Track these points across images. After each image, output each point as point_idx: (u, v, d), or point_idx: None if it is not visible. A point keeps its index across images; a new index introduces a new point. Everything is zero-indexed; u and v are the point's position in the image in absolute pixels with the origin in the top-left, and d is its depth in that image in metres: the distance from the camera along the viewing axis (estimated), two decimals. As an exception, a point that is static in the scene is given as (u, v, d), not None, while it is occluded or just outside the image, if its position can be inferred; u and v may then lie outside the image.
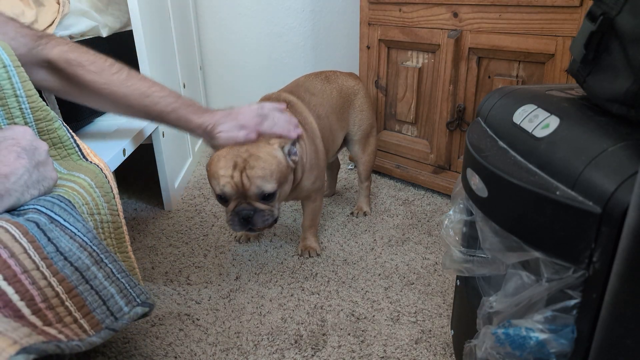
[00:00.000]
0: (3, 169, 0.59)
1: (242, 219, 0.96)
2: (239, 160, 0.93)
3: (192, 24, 2.03)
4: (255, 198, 0.95)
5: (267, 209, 0.97)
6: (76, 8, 1.23)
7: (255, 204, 0.96)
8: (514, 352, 0.53)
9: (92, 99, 0.95)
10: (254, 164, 0.93)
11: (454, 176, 1.50)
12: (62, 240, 0.60)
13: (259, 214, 0.96)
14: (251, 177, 0.93)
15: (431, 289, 1.08)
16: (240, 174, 0.93)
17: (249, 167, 0.93)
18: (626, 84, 0.51)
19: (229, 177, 0.93)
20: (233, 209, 0.96)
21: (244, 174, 0.93)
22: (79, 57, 0.89)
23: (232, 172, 0.93)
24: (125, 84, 0.91)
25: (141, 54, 1.31)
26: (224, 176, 0.93)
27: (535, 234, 0.52)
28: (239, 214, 0.96)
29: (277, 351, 0.90)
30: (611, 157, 0.47)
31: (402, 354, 0.89)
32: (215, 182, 0.95)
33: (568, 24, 1.15)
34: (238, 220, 0.96)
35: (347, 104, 1.32)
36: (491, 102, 0.69)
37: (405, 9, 1.47)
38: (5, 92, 0.73)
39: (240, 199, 0.96)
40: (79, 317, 0.57)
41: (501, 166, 0.56)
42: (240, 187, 0.94)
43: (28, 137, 0.65)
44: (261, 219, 0.97)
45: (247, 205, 0.96)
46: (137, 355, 0.90)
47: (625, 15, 0.51)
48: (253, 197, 0.95)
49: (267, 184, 0.94)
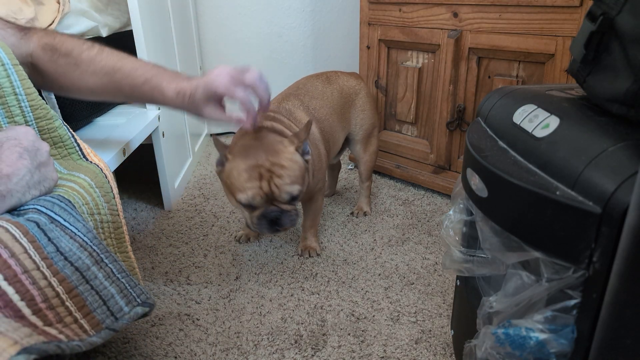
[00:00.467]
0: (5, 169, 0.59)
1: (270, 221, 0.98)
2: (263, 171, 0.94)
3: (192, 24, 2.03)
4: (284, 202, 0.98)
5: (292, 209, 1.00)
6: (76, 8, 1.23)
7: (281, 206, 0.98)
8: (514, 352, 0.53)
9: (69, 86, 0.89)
10: (280, 173, 0.94)
11: (454, 176, 1.50)
12: (63, 240, 0.60)
13: (286, 214, 0.99)
14: (280, 185, 0.95)
15: (431, 289, 1.08)
16: (268, 183, 0.94)
17: (276, 176, 0.94)
18: (626, 84, 0.51)
19: (257, 188, 0.94)
20: (260, 213, 0.98)
21: (272, 183, 0.94)
22: (51, 40, 0.85)
23: (259, 183, 0.94)
24: (95, 60, 0.85)
25: (141, 54, 1.31)
26: (252, 188, 0.94)
27: (535, 234, 0.52)
28: (267, 216, 0.98)
29: (277, 351, 0.90)
30: (611, 157, 0.47)
31: (402, 354, 0.89)
32: (242, 194, 0.95)
33: (568, 24, 1.15)
34: (266, 223, 0.98)
35: (349, 104, 1.32)
36: (491, 102, 0.70)
37: (405, 9, 1.47)
38: (4, 90, 0.73)
39: (267, 204, 0.98)
40: (79, 317, 0.57)
41: (501, 166, 0.56)
42: (270, 196, 0.96)
43: (30, 138, 0.65)
44: (289, 219, 0.99)
45: (274, 207, 0.98)
46: (137, 355, 0.90)
47: (625, 15, 0.51)
48: (282, 202, 0.98)
49: (294, 188, 0.96)
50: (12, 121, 0.74)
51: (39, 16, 1.09)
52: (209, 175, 1.76)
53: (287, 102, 1.18)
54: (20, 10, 1.06)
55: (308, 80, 1.30)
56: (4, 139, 0.63)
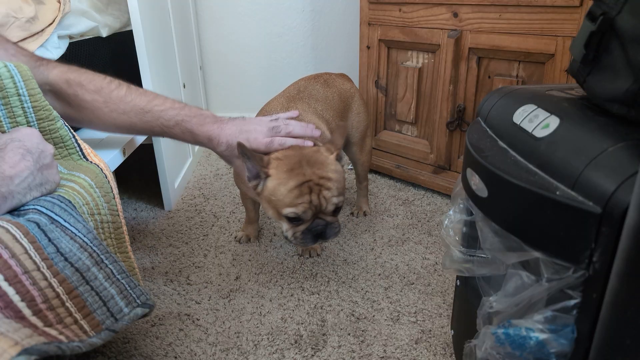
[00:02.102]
0: (8, 170, 0.59)
1: (314, 235, 0.97)
2: (312, 185, 0.92)
3: (192, 24, 2.03)
4: (330, 214, 0.97)
5: (335, 221, 0.99)
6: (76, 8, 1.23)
7: (326, 219, 0.97)
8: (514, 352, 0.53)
9: (93, 120, 0.92)
10: (329, 185, 0.93)
11: (454, 176, 1.50)
12: (63, 240, 0.60)
13: (330, 227, 0.98)
14: (328, 197, 0.93)
15: (431, 289, 1.08)
16: (317, 196, 0.93)
17: (325, 189, 0.93)
18: (626, 84, 0.51)
19: (308, 202, 0.92)
20: (306, 227, 0.96)
21: (321, 195, 0.93)
22: (78, 76, 0.87)
23: (309, 197, 0.92)
24: (125, 100, 0.88)
25: (141, 54, 1.31)
26: (303, 203, 0.92)
27: (535, 234, 0.52)
28: (313, 230, 0.96)
29: (277, 351, 0.90)
30: (611, 157, 0.47)
31: (402, 354, 0.89)
32: (291, 209, 0.93)
33: (568, 24, 1.15)
34: (311, 237, 0.97)
35: (347, 108, 1.32)
36: (491, 102, 0.70)
37: (405, 9, 1.47)
38: (7, 90, 0.73)
39: (313, 218, 0.96)
40: (79, 318, 0.57)
41: (501, 166, 0.56)
42: (319, 209, 0.94)
43: (35, 140, 0.65)
44: (333, 231, 0.98)
45: (320, 220, 0.96)
46: (137, 355, 0.90)
47: (625, 15, 0.51)
48: (327, 214, 0.96)
49: (340, 200, 0.96)
50: (14, 122, 0.74)
51: (40, 15, 1.09)
52: (209, 175, 1.77)
53: (296, 106, 1.16)
54: (20, 9, 1.06)
55: (308, 83, 1.28)
56: (8, 141, 0.63)
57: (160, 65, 1.46)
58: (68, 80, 0.86)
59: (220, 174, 1.77)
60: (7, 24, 1.03)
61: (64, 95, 0.88)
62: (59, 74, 0.86)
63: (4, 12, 1.03)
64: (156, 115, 0.90)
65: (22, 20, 1.05)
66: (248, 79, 2.24)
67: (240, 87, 2.25)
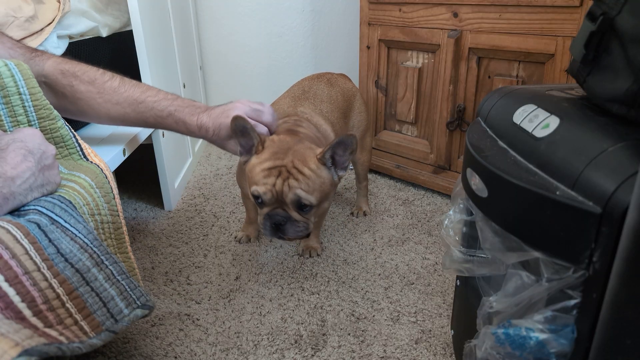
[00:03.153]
0: (10, 171, 0.59)
1: (273, 224, 0.95)
2: (282, 170, 0.92)
3: (192, 24, 2.03)
4: (293, 207, 0.94)
5: (301, 221, 0.96)
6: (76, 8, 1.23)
7: (290, 212, 0.95)
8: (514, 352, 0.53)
9: (88, 112, 0.93)
10: (298, 177, 0.92)
11: (454, 176, 1.50)
12: (63, 241, 0.60)
13: (292, 223, 0.95)
14: (292, 186, 0.92)
15: (431, 289, 1.08)
16: (282, 182, 0.92)
17: (293, 178, 0.92)
18: (626, 84, 0.51)
19: (271, 185, 0.92)
20: (267, 212, 0.95)
21: (286, 182, 0.92)
22: (72, 67, 0.88)
23: (275, 180, 0.92)
24: (118, 91, 0.89)
25: (141, 54, 1.31)
26: (266, 184, 0.92)
27: (535, 234, 0.52)
28: (272, 218, 0.95)
29: (277, 351, 0.90)
30: (611, 157, 0.47)
31: (402, 354, 0.89)
32: (256, 187, 0.93)
33: (568, 24, 1.15)
34: (269, 225, 0.96)
35: (349, 107, 1.32)
36: (491, 102, 0.70)
37: (405, 9, 1.47)
38: (8, 89, 0.73)
39: (276, 205, 0.95)
40: (79, 318, 0.57)
41: (501, 166, 0.56)
42: (280, 195, 0.93)
43: (37, 140, 0.65)
44: (293, 229, 0.95)
45: (281, 211, 0.94)
46: (137, 355, 0.90)
47: (625, 15, 0.51)
48: (290, 206, 0.94)
49: (306, 196, 0.93)
50: (15, 120, 0.74)
51: (39, 14, 1.09)
52: (209, 175, 1.76)
53: (302, 106, 1.16)
54: (20, 8, 1.06)
55: (312, 83, 1.28)
56: (10, 141, 0.63)
57: (160, 65, 1.46)
58: (63, 71, 0.86)
59: (220, 174, 1.77)
60: (7, 24, 1.03)
61: (60, 86, 0.88)
62: (53, 65, 0.86)
63: (3, 11, 1.03)
64: (149, 105, 0.90)
65: (22, 19, 1.05)
66: (248, 79, 2.23)
67: (240, 87, 2.25)
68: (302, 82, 1.31)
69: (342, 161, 0.98)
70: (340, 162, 0.98)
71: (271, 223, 0.95)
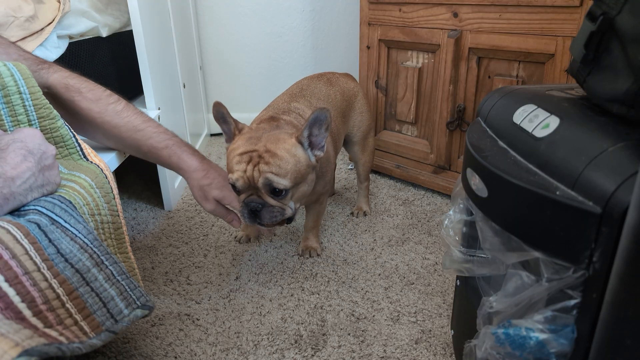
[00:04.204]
0: (10, 172, 0.59)
1: (250, 211, 0.95)
2: (254, 155, 0.92)
3: (192, 24, 2.03)
4: (266, 192, 0.94)
5: (277, 206, 0.95)
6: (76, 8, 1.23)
7: (265, 198, 0.94)
8: (514, 352, 0.53)
9: (86, 128, 0.94)
10: (269, 160, 0.91)
11: (454, 176, 1.50)
12: (63, 241, 0.60)
13: (267, 209, 0.94)
14: (262, 171, 0.91)
15: (431, 289, 1.08)
16: (253, 167, 0.91)
17: (264, 162, 0.91)
18: (626, 84, 0.51)
19: (242, 171, 0.92)
20: (243, 199, 0.96)
21: (257, 168, 0.91)
22: (78, 83, 0.88)
23: (245, 166, 0.92)
24: (120, 115, 0.90)
25: (141, 54, 1.31)
26: (238, 170, 0.93)
27: (535, 234, 0.52)
28: (248, 205, 0.94)
29: (277, 351, 0.90)
30: (611, 157, 0.47)
31: (402, 354, 0.89)
32: (231, 175, 0.94)
33: (568, 24, 1.15)
34: (247, 212, 0.95)
35: (350, 107, 1.32)
36: (491, 102, 0.70)
37: (405, 9, 1.47)
38: (9, 89, 0.73)
39: (251, 192, 0.95)
40: (79, 319, 0.57)
41: (501, 166, 0.56)
42: (252, 181, 0.92)
43: (37, 140, 0.65)
44: (269, 215, 0.95)
45: (257, 198, 0.94)
46: (137, 355, 0.90)
47: (625, 15, 0.51)
48: (263, 191, 0.94)
49: (278, 180, 0.92)
50: (16, 120, 0.74)
51: (39, 14, 1.09)
52: (209, 175, 1.76)
53: (297, 102, 1.17)
54: (20, 7, 1.06)
55: (310, 81, 1.29)
56: (10, 141, 0.63)
57: (160, 65, 1.46)
58: (67, 85, 0.87)
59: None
60: (7, 23, 1.03)
61: (61, 100, 0.89)
62: (59, 78, 0.86)
63: (3, 11, 1.03)
64: (148, 135, 0.92)
65: (22, 19, 1.05)
66: (248, 79, 2.23)
67: (240, 87, 2.25)
68: (302, 81, 1.31)
69: (318, 141, 0.98)
70: (316, 143, 0.98)
71: (248, 210, 0.95)
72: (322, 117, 0.93)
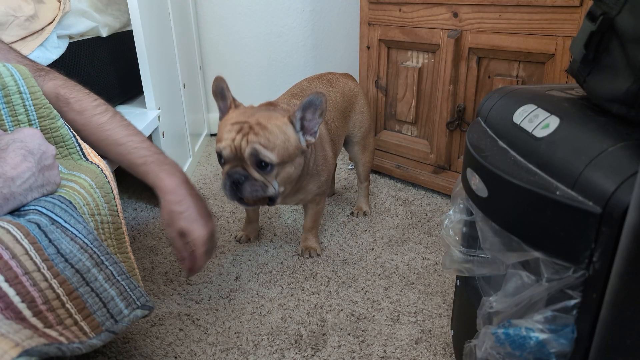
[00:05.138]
0: (10, 172, 0.59)
1: (232, 184, 0.93)
2: (245, 126, 0.92)
3: (192, 24, 2.03)
4: (251, 164, 0.93)
5: (260, 180, 0.94)
6: (76, 8, 1.23)
7: (250, 171, 0.93)
8: (514, 352, 0.53)
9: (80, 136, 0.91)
10: (258, 131, 0.92)
11: (454, 176, 1.50)
12: (63, 241, 0.60)
13: (250, 182, 0.93)
14: (250, 141, 0.91)
15: (431, 289, 1.08)
16: (242, 137, 0.91)
17: (254, 133, 0.91)
18: (626, 84, 0.51)
19: (231, 140, 0.92)
20: (227, 171, 0.95)
21: (246, 138, 0.91)
22: (68, 93, 0.87)
23: (235, 135, 0.92)
24: (102, 128, 0.88)
25: (141, 54, 1.31)
26: (227, 139, 0.93)
27: (535, 234, 0.52)
28: (231, 176, 0.93)
29: (277, 351, 0.90)
30: (611, 157, 0.47)
31: (402, 354, 0.89)
32: (218, 143, 0.94)
33: (568, 24, 1.15)
34: (229, 185, 0.94)
35: (350, 107, 1.32)
36: (491, 102, 0.70)
37: (405, 9, 1.47)
38: (9, 88, 0.73)
39: (237, 163, 0.94)
40: (79, 319, 0.57)
41: (501, 166, 0.56)
42: (239, 151, 0.92)
43: (37, 140, 0.65)
44: (250, 188, 0.93)
45: (241, 170, 0.93)
46: (137, 355, 0.90)
47: (625, 15, 0.51)
48: (248, 162, 0.93)
49: (264, 152, 0.91)
50: (16, 119, 0.74)
51: (40, 14, 1.09)
52: (209, 175, 1.77)
53: (297, 100, 1.18)
54: (20, 7, 1.06)
55: (311, 82, 1.29)
56: (10, 141, 0.62)
57: (160, 65, 1.46)
58: (57, 95, 0.85)
59: (220, 174, 1.77)
60: (7, 23, 1.03)
61: None
62: (52, 87, 0.85)
63: (3, 10, 1.03)
64: (128, 150, 0.88)
65: (22, 18, 1.05)
66: (248, 79, 2.23)
67: (240, 87, 2.25)
68: (302, 82, 1.32)
69: (311, 126, 0.97)
70: (309, 127, 0.97)
71: (230, 182, 0.93)
72: (317, 102, 0.94)
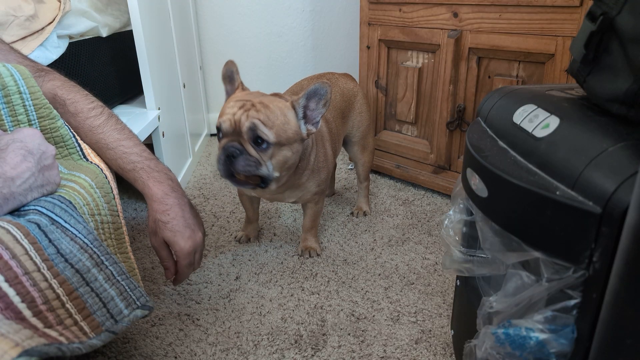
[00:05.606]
0: (9, 172, 0.59)
1: (227, 158, 0.94)
2: (247, 103, 0.94)
3: (192, 24, 2.03)
4: (248, 139, 0.93)
5: (255, 157, 0.94)
6: (76, 8, 1.23)
7: (246, 146, 0.94)
8: (514, 352, 0.53)
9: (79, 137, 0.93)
10: (260, 108, 0.93)
11: (454, 176, 1.50)
12: (63, 241, 0.60)
13: (244, 156, 0.93)
14: (250, 115, 0.92)
15: (431, 289, 1.08)
16: (243, 112, 0.93)
17: (254, 110, 0.93)
18: (626, 84, 0.51)
19: (232, 114, 0.93)
20: (223, 145, 0.95)
21: (247, 113, 0.93)
22: (65, 94, 0.86)
23: (236, 110, 0.93)
24: (94, 132, 0.87)
25: (141, 54, 1.31)
26: (228, 114, 0.94)
27: (535, 234, 0.52)
28: (226, 150, 0.93)
29: (277, 351, 0.90)
30: (611, 157, 0.47)
31: (402, 354, 0.89)
32: (219, 118, 0.96)
33: (568, 24, 1.15)
34: (223, 159, 0.94)
35: (349, 107, 1.32)
36: (491, 102, 0.70)
37: (405, 9, 1.47)
38: (9, 89, 0.73)
39: (234, 138, 0.94)
40: (79, 319, 0.57)
41: (501, 166, 0.56)
42: (238, 125, 0.93)
43: (37, 140, 0.65)
44: (244, 162, 0.93)
45: (236, 143, 0.93)
46: (137, 355, 0.90)
47: (625, 15, 0.51)
48: (246, 137, 0.93)
49: (263, 128, 0.92)
50: (16, 119, 0.74)
51: (40, 14, 1.09)
52: (209, 175, 1.77)
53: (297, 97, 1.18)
54: (20, 7, 1.06)
55: (310, 82, 1.29)
56: (10, 141, 0.62)
57: (160, 65, 1.46)
58: (55, 97, 0.85)
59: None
60: (7, 23, 1.03)
61: None
62: (50, 88, 0.85)
63: (3, 10, 1.03)
64: (118, 154, 0.87)
65: (22, 18, 1.05)
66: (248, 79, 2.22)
67: (240, 87, 2.25)
68: (302, 81, 1.32)
69: (313, 115, 0.98)
70: (311, 117, 0.98)
71: (225, 156, 0.94)
72: (322, 92, 0.95)
